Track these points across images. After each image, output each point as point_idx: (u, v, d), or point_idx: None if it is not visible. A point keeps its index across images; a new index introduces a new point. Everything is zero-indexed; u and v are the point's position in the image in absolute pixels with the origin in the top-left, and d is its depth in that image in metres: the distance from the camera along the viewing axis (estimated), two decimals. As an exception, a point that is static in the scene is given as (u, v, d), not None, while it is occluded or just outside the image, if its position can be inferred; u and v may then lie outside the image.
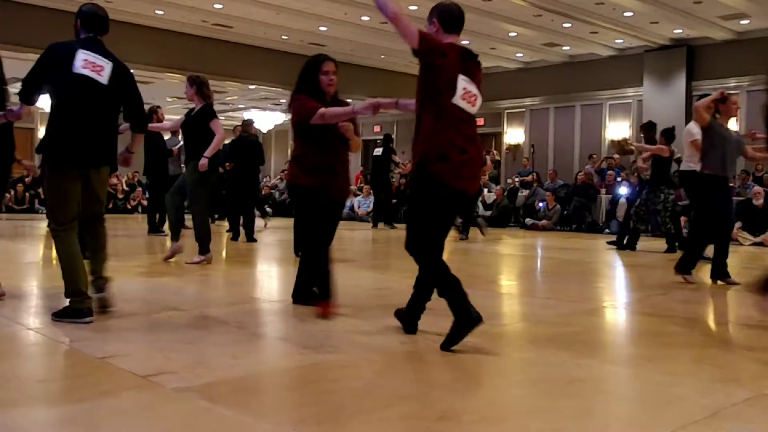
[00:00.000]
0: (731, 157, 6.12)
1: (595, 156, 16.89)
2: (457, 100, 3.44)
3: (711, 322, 4.79)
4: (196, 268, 6.53)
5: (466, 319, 3.25)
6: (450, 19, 3.54)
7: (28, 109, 4.28)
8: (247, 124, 10.75)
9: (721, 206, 6.10)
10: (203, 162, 6.52)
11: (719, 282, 6.15)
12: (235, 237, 10.06)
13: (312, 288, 4.37)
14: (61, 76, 3.88)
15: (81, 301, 3.83)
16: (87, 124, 3.88)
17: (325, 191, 4.22)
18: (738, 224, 11.54)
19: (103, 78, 3.95)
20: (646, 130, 9.71)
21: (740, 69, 15.38)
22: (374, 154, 14.79)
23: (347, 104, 4.38)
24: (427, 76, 3.44)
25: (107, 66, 3.99)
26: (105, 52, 4.04)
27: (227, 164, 10.83)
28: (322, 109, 4.04)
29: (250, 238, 9.88)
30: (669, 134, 9.13)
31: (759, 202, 11.96)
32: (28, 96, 3.99)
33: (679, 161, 8.65)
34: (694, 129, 7.11)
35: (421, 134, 3.45)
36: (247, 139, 10.39)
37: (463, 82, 3.46)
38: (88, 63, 3.91)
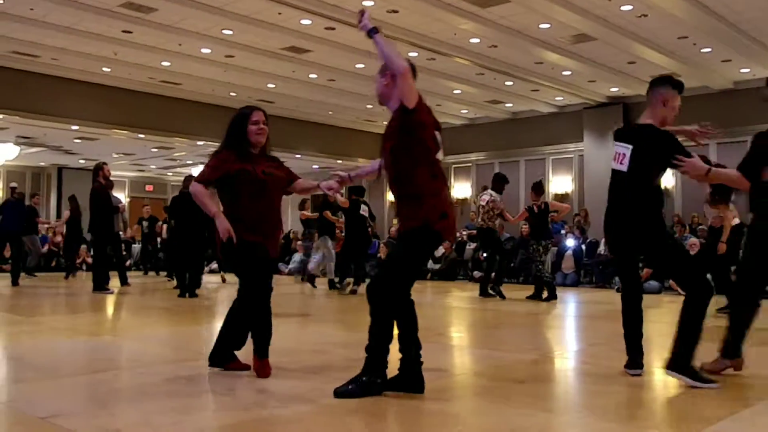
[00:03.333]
0: None
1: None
2: (440, 154, 3.56)
3: (648, 371, 4.93)
4: (139, 326, 6.44)
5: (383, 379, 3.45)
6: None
7: None
8: (188, 180, 10.73)
9: None
10: None
11: None
12: (182, 293, 9.95)
13: (232, 349, 4.23)
14: None
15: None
16: None
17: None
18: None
19: None
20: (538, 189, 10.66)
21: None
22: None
23: (274, 159, 4.29)
24: (417, 135, 3.49)
25: None
26: None
27: (171, 221, 10.75)
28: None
29: (192, 293, 9.83)
30: (538, 188, 10.55)
31: (693, 252, 12.37)
32: None
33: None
34: None
35: (422, 193, 3.49)
36: (188, 195, 10.36)
37: (438, 137, 3.58)
38: None
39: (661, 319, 7.50)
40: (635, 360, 4.19)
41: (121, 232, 12.66)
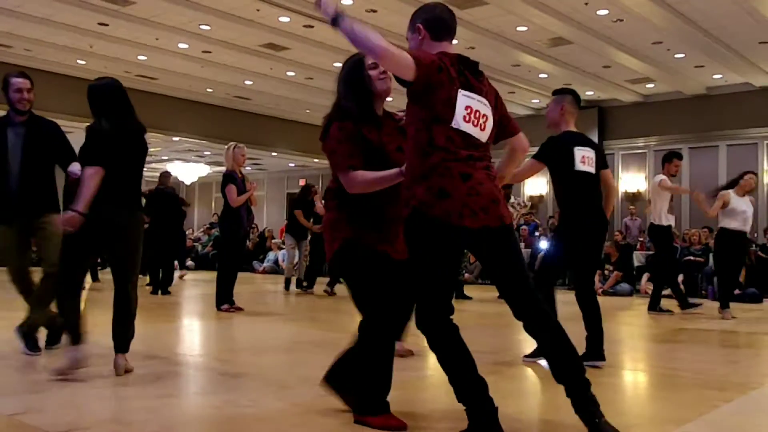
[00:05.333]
0: None
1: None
2: (459, 122, 2.68)
3: (616, 372, 5.00)
4: (111, 323, 6.35)
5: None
6: (438, 23, 2.80)
7: None
8: (164, 176, 10.69)
9: None
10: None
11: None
12: (155, 291, 9.88)
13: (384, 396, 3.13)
14: None
15: None
16: None
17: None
18: (647, 275, 12.10)
19: None
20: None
21: (647, 129, 16.31)
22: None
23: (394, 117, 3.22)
24: (422, 102, 2.68)
25: None
26: None
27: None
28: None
29: (164, 291, 9.77)
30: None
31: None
32: None
33: None
34: None
35: (413, 172, 2.69)
36: (164, 191, 10.33)
37: (464, 99, 2.71)
38: None
39: (633, 321, 7.60)
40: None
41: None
